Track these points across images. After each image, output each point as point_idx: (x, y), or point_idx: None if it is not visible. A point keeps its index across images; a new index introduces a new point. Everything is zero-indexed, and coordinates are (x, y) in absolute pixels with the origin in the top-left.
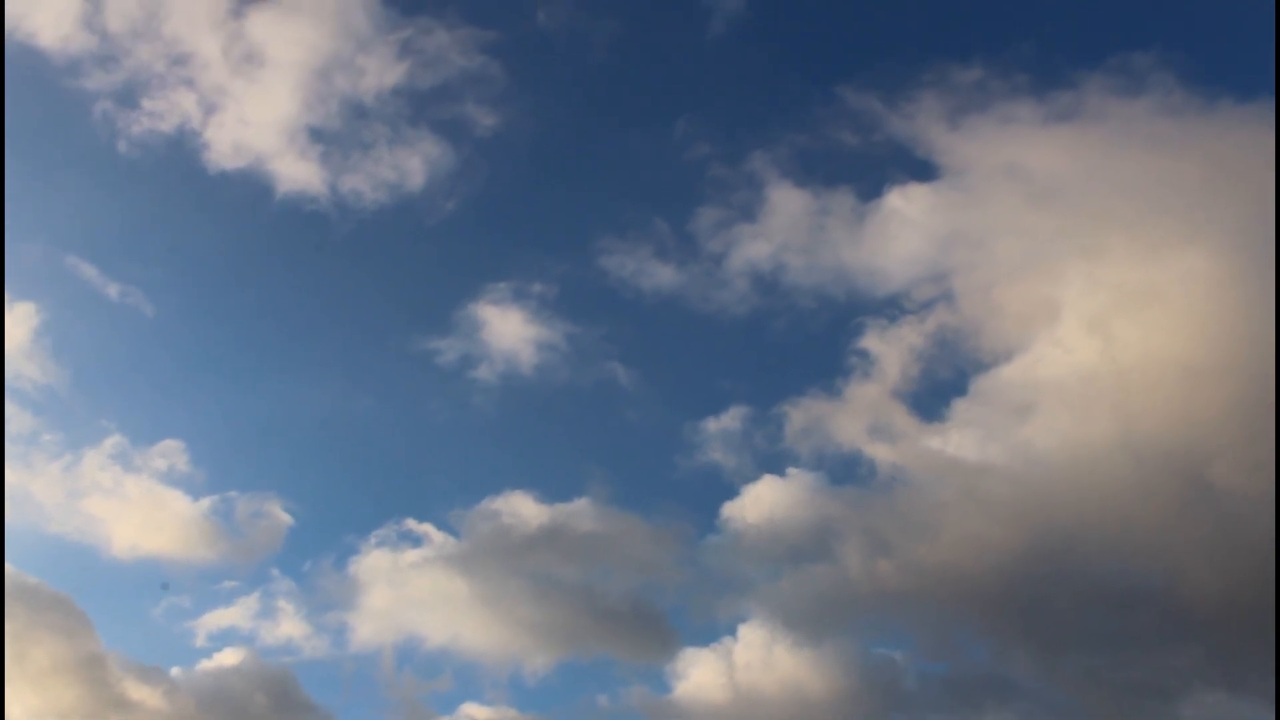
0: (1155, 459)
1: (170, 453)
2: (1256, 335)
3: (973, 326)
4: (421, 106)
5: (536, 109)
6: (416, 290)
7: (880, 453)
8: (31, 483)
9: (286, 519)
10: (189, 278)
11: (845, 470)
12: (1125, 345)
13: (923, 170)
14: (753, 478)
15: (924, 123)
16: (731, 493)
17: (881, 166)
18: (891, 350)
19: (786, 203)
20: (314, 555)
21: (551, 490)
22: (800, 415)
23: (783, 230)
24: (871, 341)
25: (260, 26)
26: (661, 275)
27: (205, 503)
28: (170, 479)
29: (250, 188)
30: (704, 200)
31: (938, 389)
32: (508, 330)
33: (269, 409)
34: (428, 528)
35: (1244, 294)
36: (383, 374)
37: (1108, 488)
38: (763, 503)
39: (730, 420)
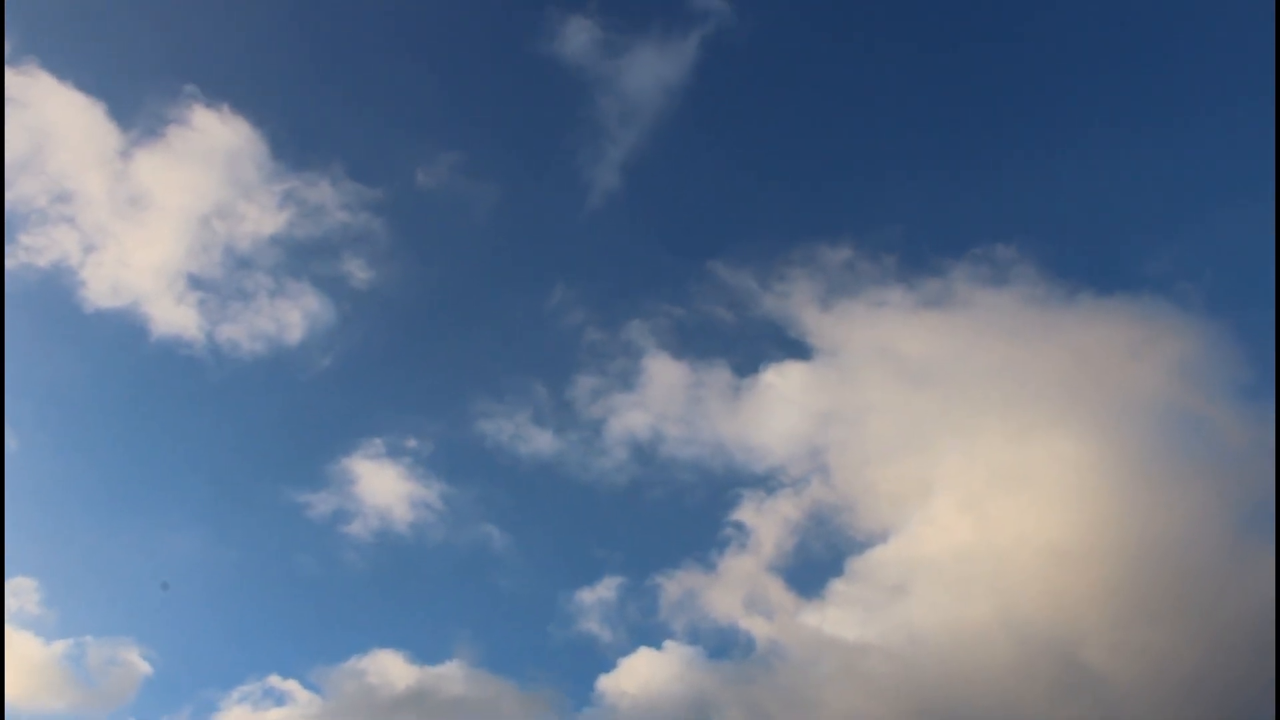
0: (1032, 639)
1: (22, 591)
2: (1123, 519)
3: (848, 503)
4: (304, 260)
5: (416, 268)
6: (290, 442)
7: (758, 627)
8: None
9: (144, 667)
10: (56, 413)
11: (723, 644)
12: (998, 526)
13: (797, 349)
14: (629, 650)
15: (798, 302)
16: (607, 665)
17: (757, 343)
18: (768, 524)
19: (664, 374)
20: (171, 709)
21: (421, 651)
22: (676, 587)
23: (660, 401)
24: (747, 514)
25: (148, 169)
26: (539, 441)
27: (58, 646)
28: (20, 619)
29: (125, 329)
30: (582, 368)
31: (814, 565)
32: (382, 486)
33: (131, 551)
34: (293, 684)
35: (1110, 479)
36: (251, 524)
37: (986, 668)
38: (639, 675)
39: (605, 590)
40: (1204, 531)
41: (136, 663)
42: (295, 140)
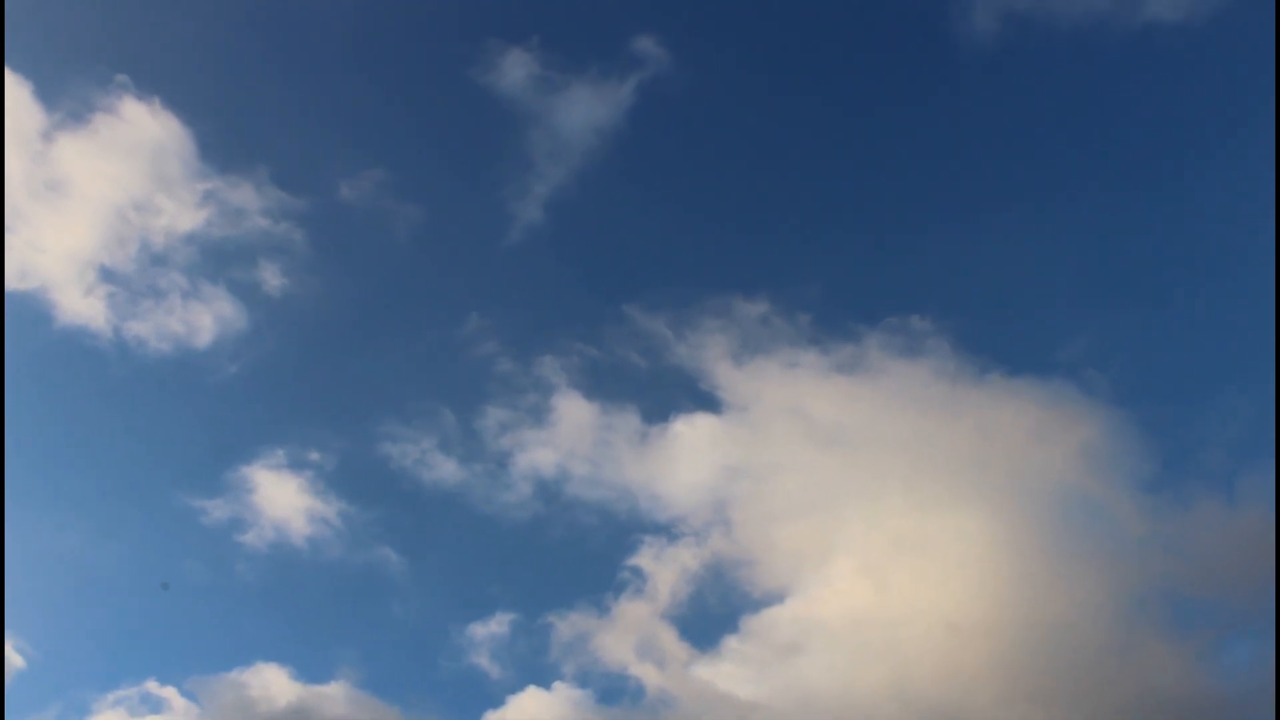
0: (923, 710)
1: None
2: (1018, 598)
3: (748, 559)
4: (220, 263)
5: (332, 281)
6: (189, 445)
7: (649, 676)
8: None
9: (17, 661)
10: None
11: (612, 690)
12: (896, 594)
13: (708, 401)
14: (517, 688)
15: (711, 355)
16: (495, 701)
17: (668, 391)
18: (666, 573)
19: (574, 413)
20: (40, 705)
21: (306, 669)
22: (569, 628)
23: (569, 440)
24: (646, 561)
25: (70, 154)
26: (444, 468)
27: None
28: None
29: (30, 314)
30: (492, 399)
31: (710, 618)
32: (281, 498)
33: (12, 541)
34: (170, 692)
35: (1008, 557)
36: (141, 525)
37: None
38: (526, 714)
39: (498, 625)
40: (1095, 617)
41: (9, 655)
42: (223, 141)
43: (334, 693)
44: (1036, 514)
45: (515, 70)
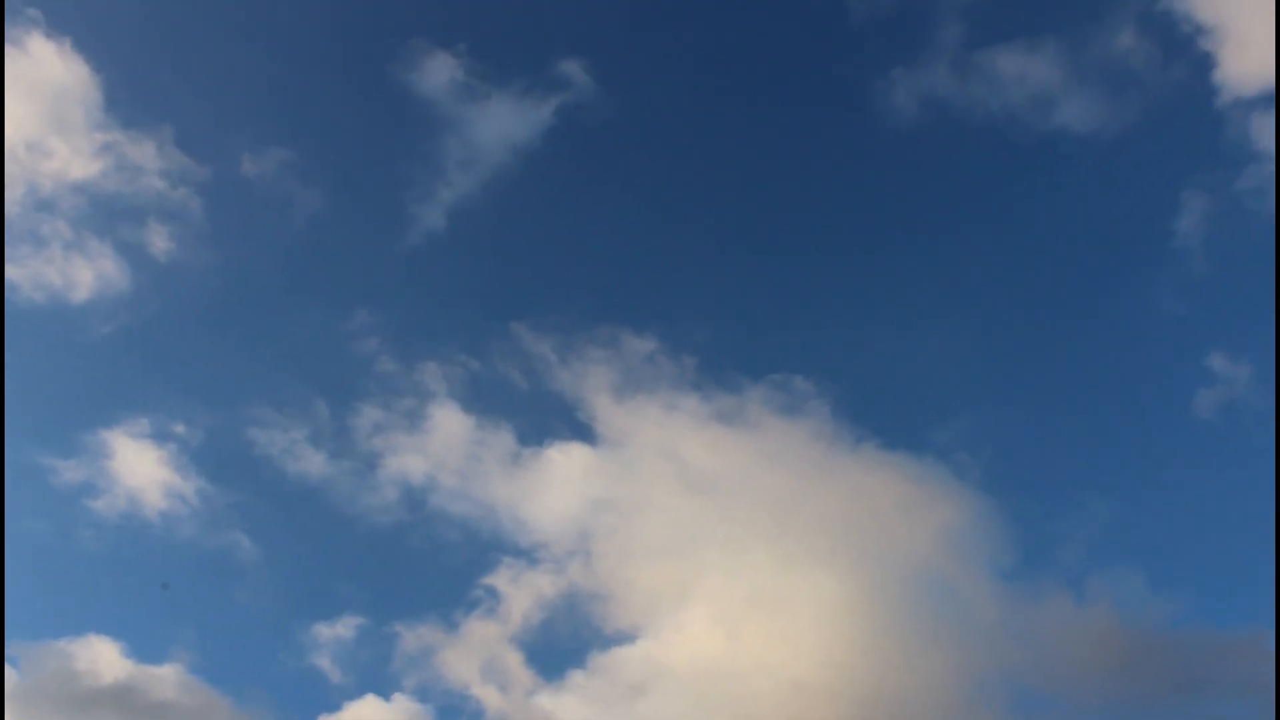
0: None
1: None
2: (867, 665)
3: (604, 594)
4: (109, 219)
5: (223, 255)
6: (49, 401)
7: (490, 698)
8: None
9: None
10: None
11: (451, 708)
12: (747, 647)
13: (584, 432)
14: (356, 695)
15: (594, 386)
16: (331, 706)
17: (546, 416)
18: (521, 596)
19: (449, 424)
20: None
21: (140, 646)
22: (415, 640)
23: (441, 450)
24: (502, 582)
25: None
26: (311, 461)
27: None
28: None
29: None
30: (369, 398)
31: (559, 648)
32: (139, 468)
33: None
34: None
35: (861, 624)
36: None
37: None
38: None
39: (344, 629)
40: (938, 694)
41: None
42: (131, 95)
43: (166, 675)
44: (893, 586)
45: (439, 73)
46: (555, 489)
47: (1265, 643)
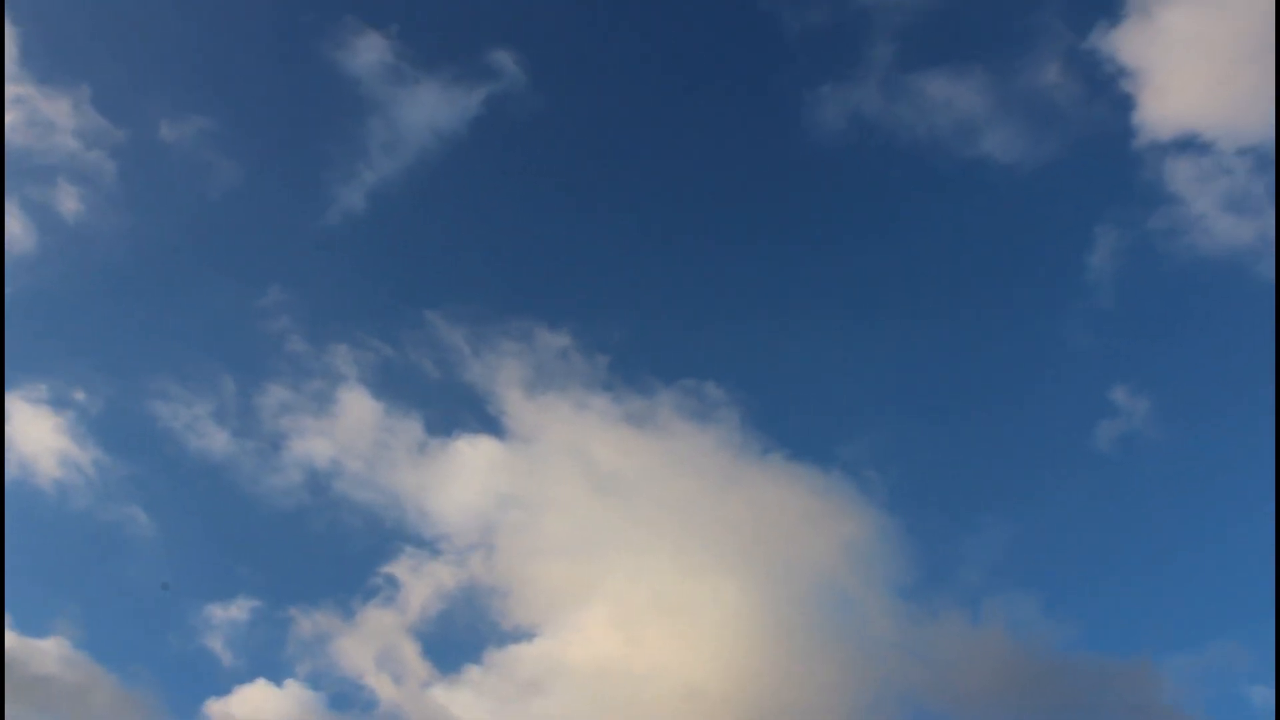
0: None
1: None
2: (763, 673)
3: (505, 590)
4: (18, 176)
5: (134, 221)
6: None
7: (384, 688)
8: None
9: None
10: None
11: (344, 696)
12: (645, 650)
13: (493, 425)
14: (247, 679)
15: (505, 380)
16: (221, 689)
17: (456, 407)
18: (420, 587)
19: (358, 409)
20: None
21: (21, 618)
22: (310, 626)
23: (348, 435)
24: (402, 572)
25: None
26: (214, 439)
27: None
28: None
29: None
30: (277, 377)
31: (457, 641)
32: (34, 434)
33: None
34: None
35: (760, 633)
36: None
37: None
38: (251, 708)
39: (238, 611)
40: (833, 706)
41: None
42: (50, 50)
43: (48, 648)
44: (794, 597)
45: (368, 54)
46: (461, 481)
47: (1151, 670)
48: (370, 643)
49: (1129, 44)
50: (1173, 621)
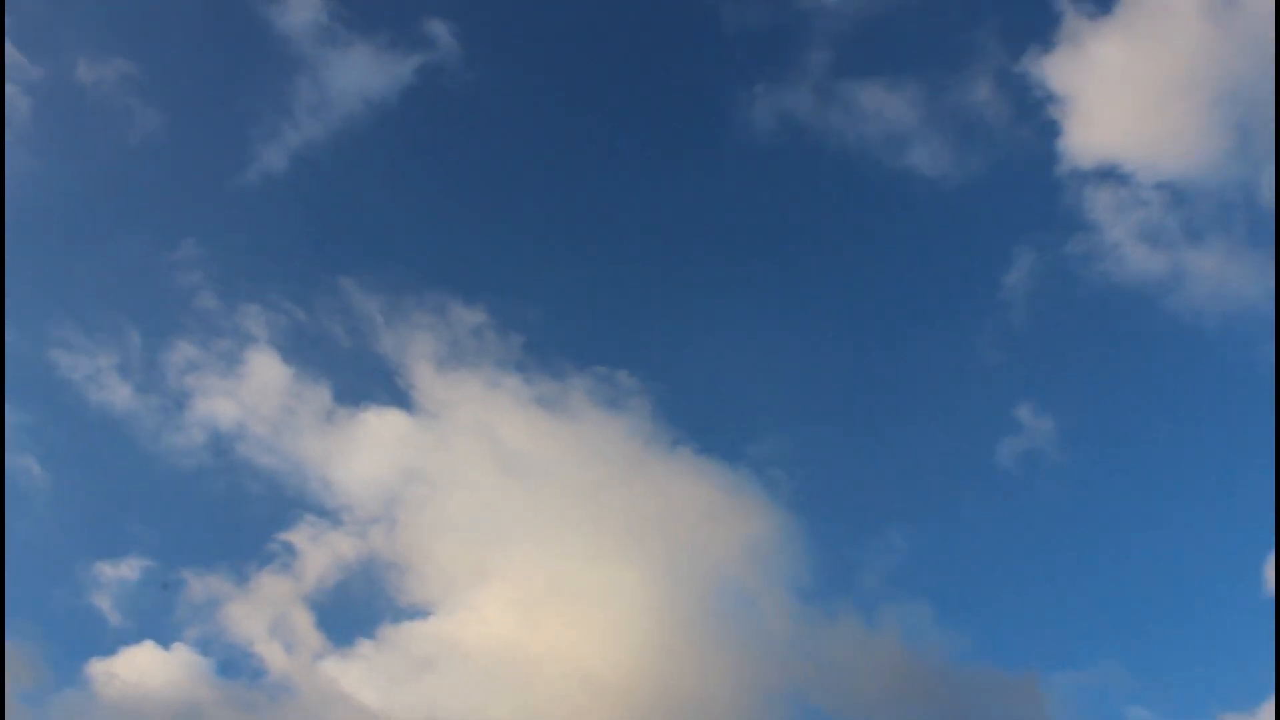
0: None
1: None
2: (659, 664)
3: (404, 565)
4: None
5: (46, 163)
6: None
7: (274, 657)
8: None
9: None
10: None
11: (233, 663)
12: (541, 634)
13: (402, 398)
14: (134, 640)
15: (417, 353)
16: (107, 649)
17: (366, 377)
18: (318, 556)
19: (267, 372)
20: None
21: None
22: (202, 589)
23: (255, 398)
24: (301, 540)
25: None
26: (117, 392)
27: None
28: None
29: None
30: (185, 333)
31: (352, 614)
32: None
33: None
34: None
35: (659, 624)
36: None
37: None
38: (137, 670)
39: (128, 570)
40: (726, 701)
41: None
42: None
43: None
44: (693, 591)
45: (301, 11)
46: (367, 453)
47: (1037, 686)
48: (263, 610)
49: (1059, 71)
50: (1060, 639)
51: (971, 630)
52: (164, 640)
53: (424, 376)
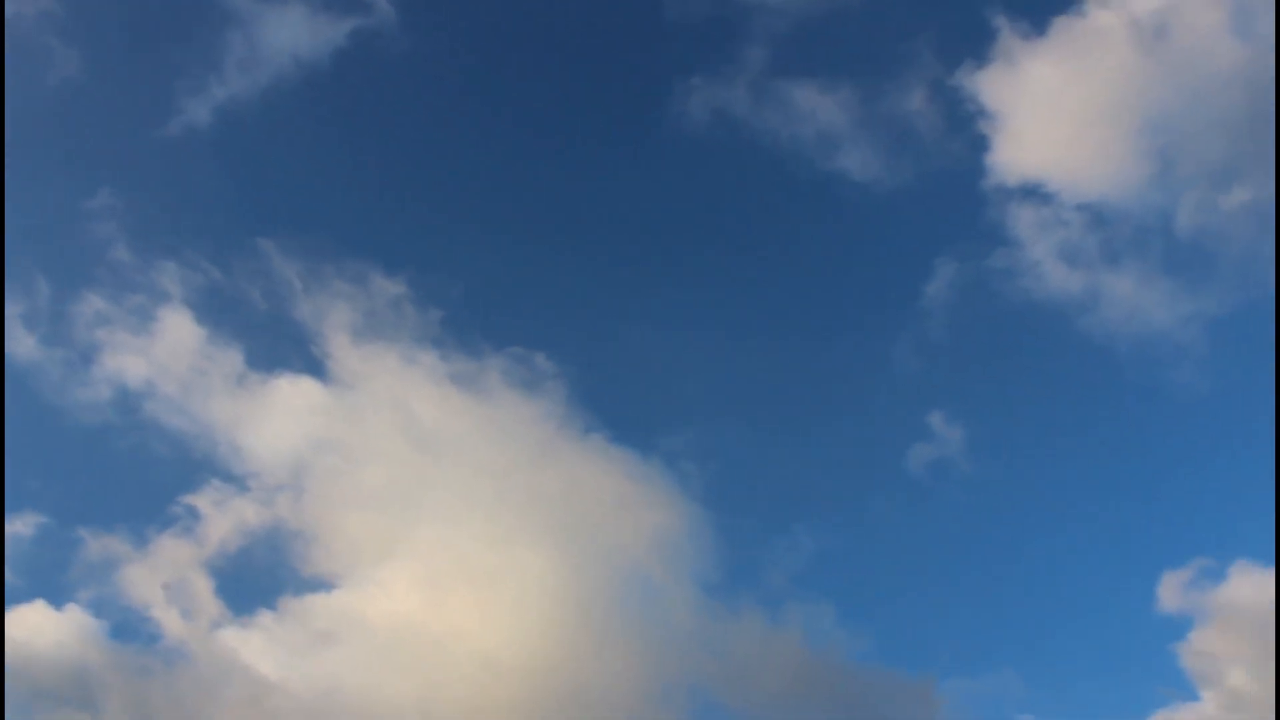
0: None
1: None
2: (560, 650)
3: (310, 536)
4: None
5: None
6: None
7: (171, 623)
8: None
9: None
10: None
11: (128, 626)
12: (444, 613)
13: (317, 367)
14: (25, 598)
15: (334, 323)
16: None
17: (281, 343)
18: (222, 522)
19: (180, 331)
20: None
21: None
22: (99, 549)
23: (166, 356)
24: (206, 504)
25: None
26: (21, 343)
27: None
28: None
29: None
30: (96, 286)
31: (254, 583)
32: None
33: None
34: None
35: (562, 610)
36: None
37: None
38: (27, 629)
39: (22, 526)
40: (625, 689)
41: None
42: None
43: None
44: (599, 578)
45: None
46: (278, 420)
47: (933, 690)
48: (162, 574)
49: (992, 87)
50: (959, 645)
51: (873, 632)
52: (56, 600)
53: (340, 346)
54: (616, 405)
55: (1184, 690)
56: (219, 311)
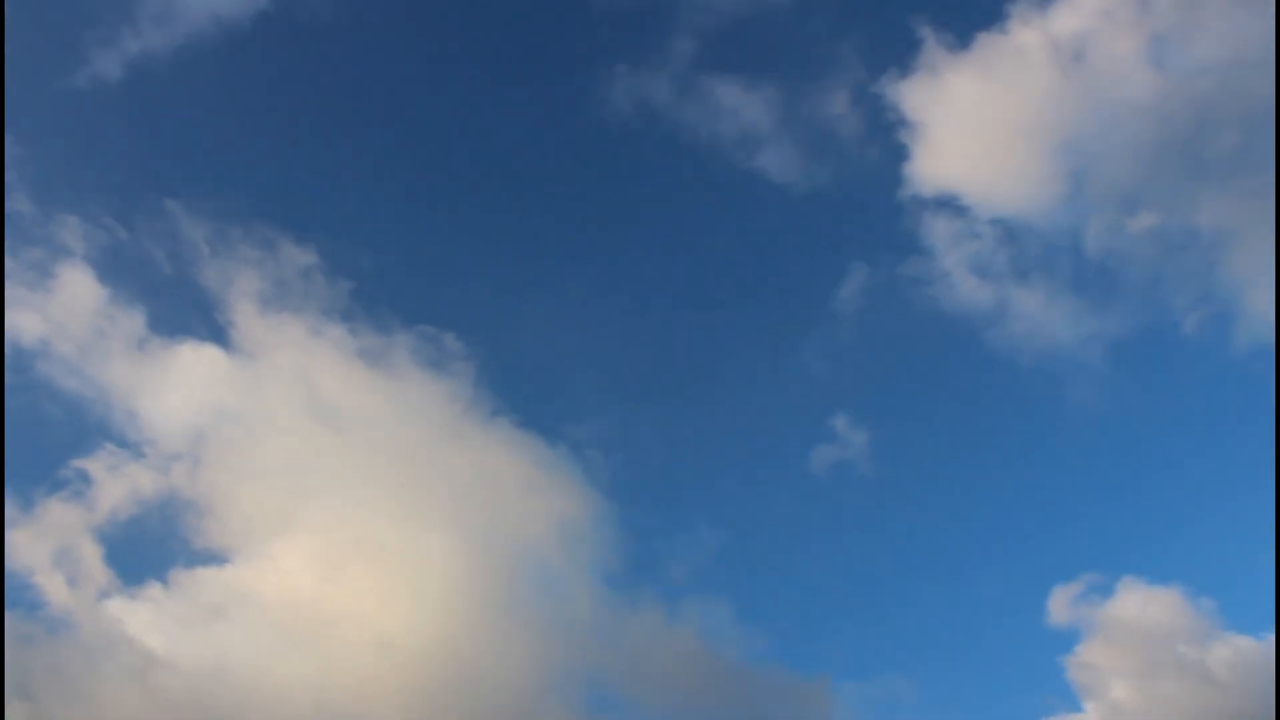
0: (334, 713)
1: None
2: (458, 636)
3: (205, 507)
4: None
5: None
6: None
7: (56, 591)
8: None
9: None
10: None
11: (11, 593)
12: (338, 593)
13: (219, 335)
14: None
15: (240, 290)
16: None
17: (184, 309)
18: (115, 489)
19: (79, 289)
20: None
21: None
22: None
23: (64, 315)
24: (98, 470)
25: None
26: None
27: None
28: None
29: None
30: None
31: (145, 553)
32: None
33: None
34: None
35: (458, 594)
36: None
37: None
38: None
39: None
40: (521, 676)
41: None
42: None
43: None
44: (500, 564)
45: None
46: (177, 387)
47: (827, 690)
48: (48, 540)
49: (914, 97)
50: (853, 648)
51: (769, 631)
52: None
53: (245, 315)
54: (524, 390)
55: (1068, 701)
56: (122, 271)
